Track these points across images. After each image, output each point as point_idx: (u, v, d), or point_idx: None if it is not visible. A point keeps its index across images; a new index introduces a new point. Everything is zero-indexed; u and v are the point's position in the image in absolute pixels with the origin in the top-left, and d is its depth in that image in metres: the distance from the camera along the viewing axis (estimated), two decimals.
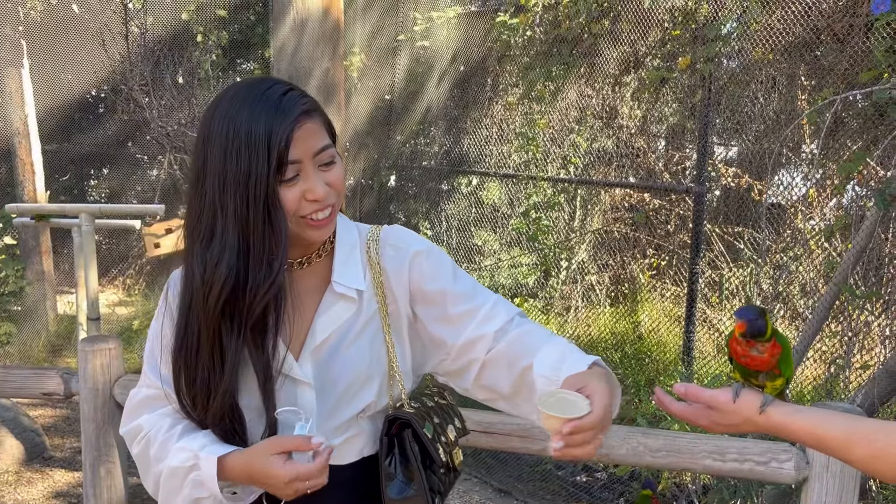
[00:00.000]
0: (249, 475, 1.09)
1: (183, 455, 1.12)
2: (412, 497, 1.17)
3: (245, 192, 1.04)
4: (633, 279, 5.02)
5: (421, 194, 5.98)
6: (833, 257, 3.79)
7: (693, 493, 3.15)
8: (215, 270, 1.06)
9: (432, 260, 1.22)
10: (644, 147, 4.86)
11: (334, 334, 1.18)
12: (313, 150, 1.08)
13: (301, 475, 1.06)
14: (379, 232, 1.24)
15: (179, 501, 1.14)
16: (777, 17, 3.73)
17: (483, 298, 1.21)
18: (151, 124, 4.56)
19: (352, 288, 1.19)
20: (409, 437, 1.19)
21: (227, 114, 1.06)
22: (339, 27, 4.58)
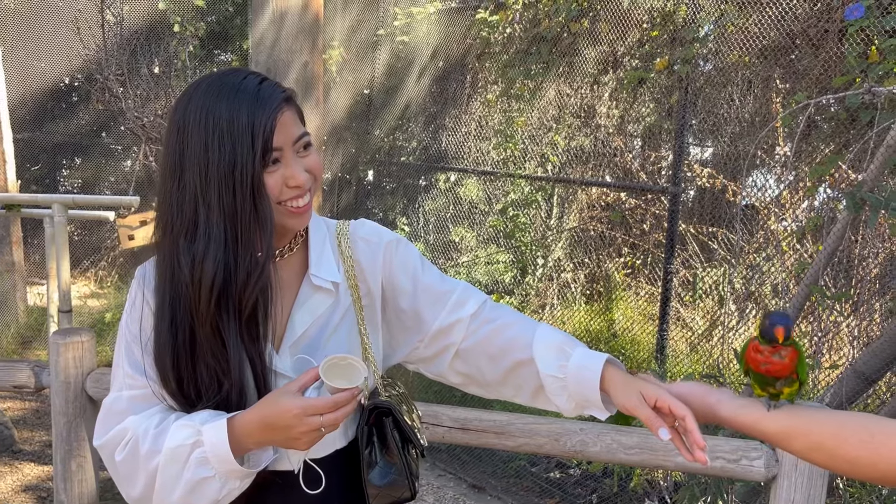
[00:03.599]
0: (262, 421, 1.04)
1: (184, 433, 1.07)
2: (394, 482, 1.19)
3: (231, 181, 1.03)
4: (609, 277, 5.06)
5: (399, 190, 5.97)
6: (804, 258, 3.86)
7: (665, 490, 3.19)
8: (203, 265, 1.05)
9: (402, 251, 1.25)
10: (621, 147, 4.90)
11: (312, 327, 1.19)
12: (293, 137, 1.10)
13: (314, 407, 1.02)
14: (347, 227, 1.26)
15: (179, 491, 1.07)
16: (753, 21, 3.78)
17: (452, 285, 1.25)
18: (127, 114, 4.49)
19: (328, 280, 1.20)
20: (389, 425, 1.21)
21: (204, 105, 1.05)
22: (318, 21, 4.56)
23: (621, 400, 1.09)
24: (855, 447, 0.94)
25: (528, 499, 3.53)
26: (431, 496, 3.54)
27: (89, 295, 6.56)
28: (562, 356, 1.15)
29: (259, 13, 4.50)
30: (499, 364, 1.20)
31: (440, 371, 1.27)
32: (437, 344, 1.24)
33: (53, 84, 7.14)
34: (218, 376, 1.09)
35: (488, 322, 1.21)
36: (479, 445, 2.30)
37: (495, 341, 1.20)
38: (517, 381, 1.20)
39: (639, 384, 1.08)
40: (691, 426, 1.01)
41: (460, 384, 1.27)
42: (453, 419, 2.13)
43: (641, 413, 1.05)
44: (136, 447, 1.09)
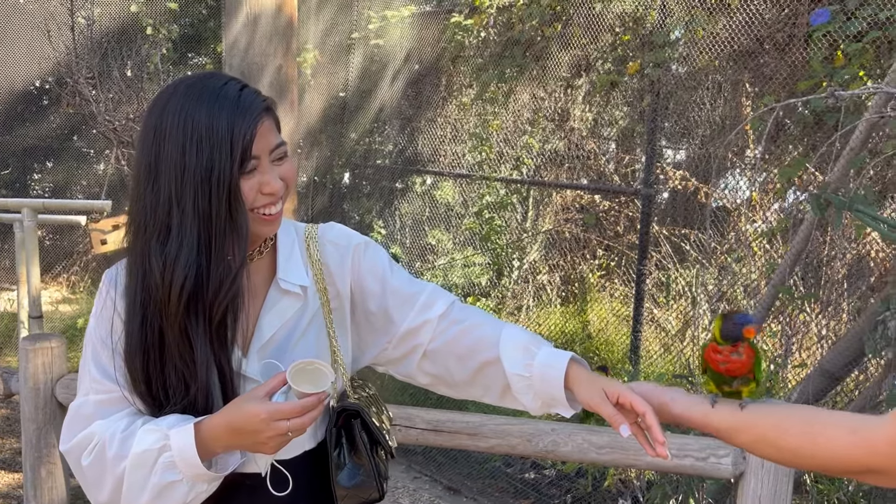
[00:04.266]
0: (229, 426, 1.05)
1: (151, 437, 1.07)
2: (362, 483, 1.20)
3: (207, 186, 1.04)
4: (583, 279, 5.11)
5: (375, 193, 5.97)
6: (774, 259, 3.92)
7: (638, 490, 3.23)
8: (174, 268, 1.05)
9: (370, 254, 1.27)
10: (595, 149, 4.95)
11: (281, 331, 1.19)
12: (270, 146, 1.11)
13: (281, 411, 1.03)
14: (316, 230, 1.27)
15: (146, 496, 1.08)
16: (722, 26, 3.84)
17: (420, 287, 1.26)
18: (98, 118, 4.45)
19: (296, 284, 1.20)
20: (358, 427, 1.22)
21: (182, 109, 1.06)
22: (292, 24, 4.55)
23: (584, 397, 1.11)
24: (796, 438, 0.97)
25: (503, 500, 3.55)
26: (407, 499, 3.55)
27: (61, 300, 6.48)
28: (527, 355, 1.17)
29: (232, 16, 4.48)
30: (466, 364, 1.22)
31: (409, 372, 1.28)
32: (405, 345, 1.25)
33: (23, 87, 7.05)
34: (185, 379, 1.09)
35: (456, 323, 1.23)
36: (452, 447, 2.32)
37: (463, 342, 1.22)
38: (485, 380, 1.22)
39: (602, 381, 1.10)
40: (651, 422, 1.03)
41: (429, 385, 1.29)
42: (426, 421, 2.14)
43: (604, 410, 1.07)
44: (102, 452, 1.09)
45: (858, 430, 0.91)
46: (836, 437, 0.93)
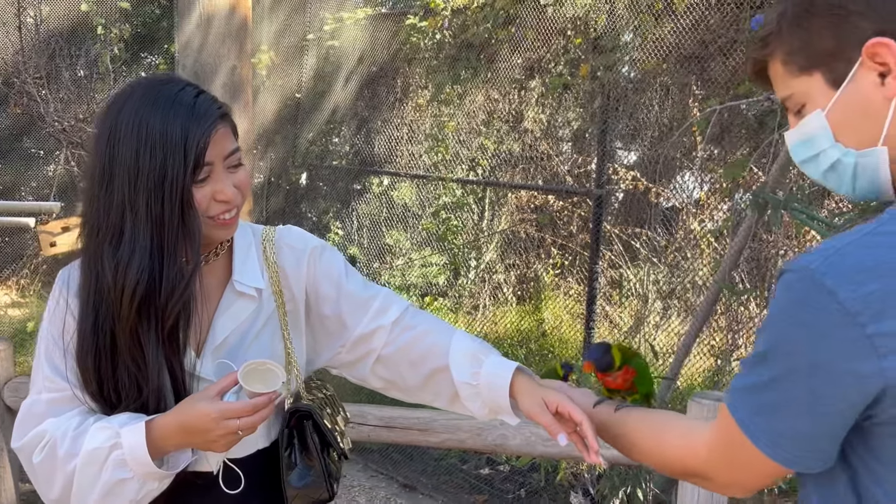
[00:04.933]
0: (180, 425, 1.07)
1: (102, 435, 1.08)
2: (312, 483, 1.23)
3: (160, 191, 1.06)
4: (538, 278, 5.19)
5: (332, 194, 5.98)
6: (720, 257, 4.04)
7: (588, 482, 3.31)
8: (126, 272, 1.06)
9: (326, 258, 1.28)
10: (548, 150, 5.03)
11: (235, 333, 1.21)
12: (225, 153, 1.13)
13: (231, 411, 1.05)
14: (273, 233, 1.28)
15: (97, 493, 1.09)
16: (669, 30, 3.95)
17: (374, 292, 1.28)
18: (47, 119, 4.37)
19: (251, 287, 1.22)
20: (309, 428, 1.24)
21: (137, 113, 1.07)
22: (246, 24, 4.54)
23: (525, 407, 1.16)
24: (647, 440, 1.04)
25: (458, 496, 3.60)
26: (363, 496, 3.58)
27: (10, 304, 6.33)
28: (475, 364, 1.19)
29: (185, 16, 4.45)
30: (418, 370, 1.25)
31: (363, 376, 1.30)
32: (358, 350, 1.27)
33: None
34: (137, 381, 1.11)
35: (409, 329, 1.25)
36: (404, 443, 2.35)
37: (415, 348, 1.24)
38: (435, 387, 1.25)
39: (542, 392, 1.14)
40: (586, 431, 1.09)
41: (382, 388, 1.31)
42: (379, 418, 2.18)
43: (542, 420, 1.12)
44: (54, 449, 1.10)
45: (687, 435, 0.97)
46: (671, 441, 1.00)
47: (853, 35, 0.78)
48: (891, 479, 0.75)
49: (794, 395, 0.76)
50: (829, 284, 0.71)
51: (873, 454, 0.76)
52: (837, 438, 0.77)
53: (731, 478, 0.89)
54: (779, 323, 0.77)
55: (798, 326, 0.75)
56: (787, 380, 0.77)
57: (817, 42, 0.81)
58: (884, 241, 0.71)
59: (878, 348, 0.70)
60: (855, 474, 0.78)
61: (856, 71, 0.79)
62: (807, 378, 0.75)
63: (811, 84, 0.83)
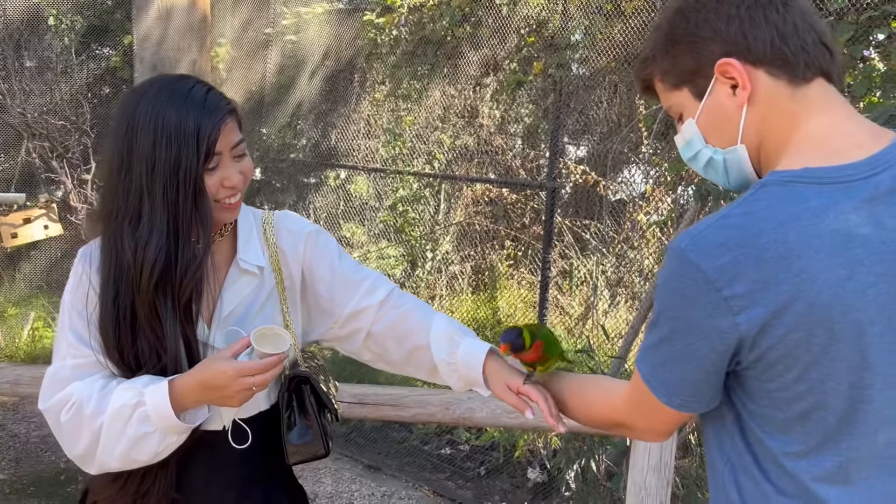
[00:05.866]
0: (200, 382, 1.19)
1: (127, 394, 1.20)
2: (310, 440, 1.37)
3: (175, 179, 1.19)
4: (493, 268, 5.35)
5: (289, 187, 6.04)
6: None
7: (545, 458, 3.49)
8: (145, 251, 1.19)
9: (322, 241, 1.42)
10: (502, 145, 5.20)
11: (240, 306, 1.34)
12: (231, 144, 1.26)
13: (246, 369, 1.18)
14: (272, 217, 1.42)
15: (122, 446, 1.20)
16: (618, 30, 4.15)
17: (364, 274, 1.43)
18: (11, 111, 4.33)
19: (254, 265, 1.36)
20: (307, 391, 1.38)
21: (154, 108, 1.20)
22: (206, 18, 4.59)
23: (493, 388, 1.34)
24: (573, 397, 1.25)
25: (421, 475, 3.74)
26: (329, 478, 3.69)
27: None
28: (452, 344, 1.35)
29: (143, 10, 4.47)
30: (402, 346, 1.40)
31: (354, 349, 1.46)
32: (349, 326, 1.42)
33: None
34: (157, 350, 1.24)
35: (395, 308, 1.40)
36: (376, 418, 2.48)
37: (401, 326, 1.40)
38: (417, 362, 1.41)
39: (505, 376, 1.31)
40: (543, 407, 1.25)
41: (370, 361, 1.47)
42: (352, 395, 2.30)
43: (509, 400, 1.30)
44: (80, 409, 1.22)
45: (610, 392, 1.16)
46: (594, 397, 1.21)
47: (707, 57, 0.97)
48: (761, 412, 0.94)
49: (677, 349, 0.93)
50: (695, 259, 0.89)
51: (746, 393, 0.95)
52: (715, 383, 0.95)
53: (646, 425, 1.06)
54: (662, 292, 0.94)
55: (675, 294, 0.91)
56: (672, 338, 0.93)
57: (681, 63, 1.00)
58: (733, 222, 0.89)
59: (732, 307, 0.88)
60: (737, 411, 0.97)
61: (713, 85, 0.98)
62: (684, 335, 0.92)
63: (682, 97, 1.02)
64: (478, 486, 3.62)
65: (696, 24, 0.98)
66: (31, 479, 3.65)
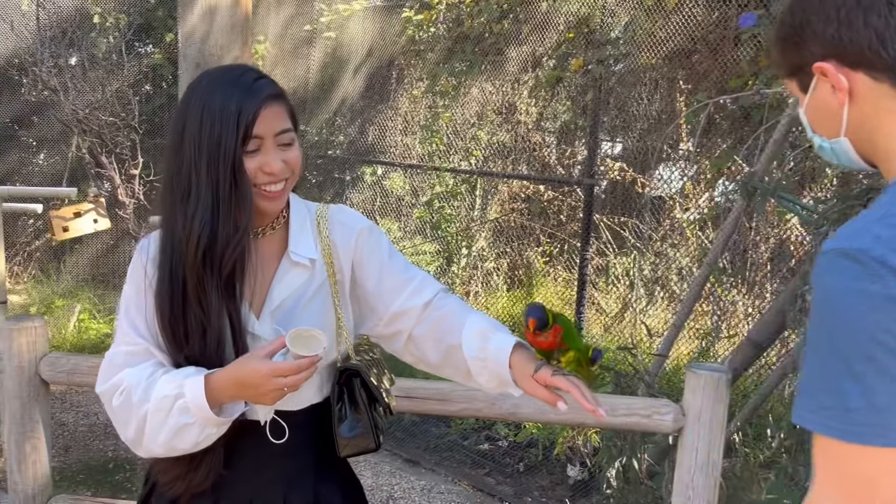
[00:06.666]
0: (235, 379, 1.23)
1: (169, 386, 1.24)
2: (360, 434, 1.37)
3: (216, 157, 1.22)
4: (529, 265, 5.35)
5: (326, 183, 6.09)
6: (705, 245, 4.24)
7: (585, 455, 3.48)
8: (192, 223, 1.23)
9: (374, 238, 1.42)
10: (539, 142, 5.19)
11: (290, 298, 1.35)
12: (275, 130, 1.27)
13: (279, 370, 1.20)
14: (327, 210, 1.42)
15: (164, 434, 1.25)
16: (660, 27, 4.12)
17: (412, 274, 1.42)
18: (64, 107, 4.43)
19: (305, 257, 1.36)
20: (358, 385, 1.38)
21: (205, 93, 1.25)
22: (248, 16, 4.63)
23: (519, 381, 1.28)
24: None
25: (460, 470, 3.76)
26: (369, 470, 3.73)
27: (8, 290, 6.36)
28: (483, 340, 1.31)
29: (188, 7, 4.52)
30: (439, 347, 1.38)
31: (396, 349, 1.45)
32: (393, 326, 1.41)
33: None
34: (202, 322, 1.27)
35: (436, 310, 1.39)
36: (423, 412, 2.50)
37: (439, 327, 1.38)
38: (453, 362, 1.38)
39: (532, 368, 1.27)
40: (577, 397, 1.21)
41: (413, 363, 1.46)
42: (400, 388, 2.31)
43: (537, 393, 1.26)
44: (129, 396, 1.27)
45: None
46: None
47: (808, 57, 0.99)
48: None
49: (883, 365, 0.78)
50: (878, 254, 0.80)
51: None
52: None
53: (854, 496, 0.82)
54: (837, 306, 0.82)
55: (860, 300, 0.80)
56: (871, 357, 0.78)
57: (788, 58, 1.03)
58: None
59: None
60: None
61: (816, 83, 1.00)
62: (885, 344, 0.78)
63: (793, 87, 1.06)
64: (517, 483, 3.62)
65: (799, 23, 0.99)
66: (79, 466, 3.74)
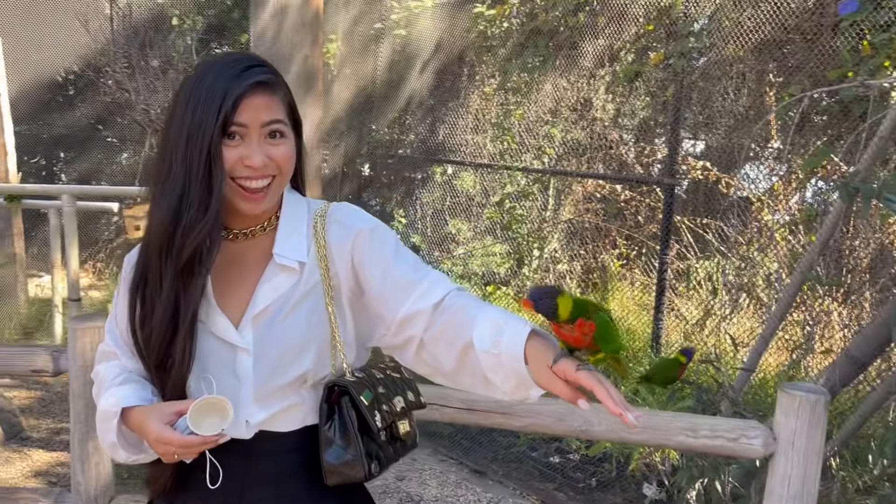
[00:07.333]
0: (138, 425, 1.18)
1: (110, 400, 1.21)
2: (349, 461, 1.20)
3: (195, 140, 1.13)
4: (604, 268, 5.14)
5: (396, 182, 6.03)
6: (797, 249, 3.94)
7: (663, 474, 3.28)
8: (161, 204, 1.16)
9: (375, 238, 1.24)
10: (616, 139, 4.98)
11: (274, 304, 1.22)
12: (261, 121, 1.16)
13: (167, 438, 1.13)
14: (327, 208, 1.28)
15: (105, 444, 1.25)
16: (748, 16, 3.86)
17: (422, 275, 1.22)
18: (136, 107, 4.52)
19: (293, 259, 1.23)
20: (346, 404, 1.22)
21: (198, 78, 1.17)
22: (319, 14, 4.61)
23: (536, 376, 1.07)
24: None
25: (528, 482, 3.60)
26: (434, 480, 3.62)
27: (88, 286, 6.59)
28: (497, 332, 1.11)
29: (260, 7, 4.53)
30: (451, 349, 1.17)
31: (408, 360, 1.26)
32: (403, 333, 1.22)
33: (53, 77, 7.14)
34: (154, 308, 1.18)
35: (447, 310, 1.19)
36: (486, 425, 2.36)
37: (451, 326, 1.17)
38: (469, 366, 1.16)
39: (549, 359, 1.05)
40: (602, 397, 0.99)
41: (428, 375, 1.25)
42: (461, 401, 2.19)
43: (555, 390, 1.04)
44: (97, 389, 1.29)
45: None
46: None
47: None
48: None
49: None
50: None
51: None
52: None
53: None
54: None
55: None
56: None
57: None
58: None
59: None
60: None
61: None
62: None
63: None
64: (589, 499, 3.44)
65: None
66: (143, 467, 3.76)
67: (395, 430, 1.27)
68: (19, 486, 3.39)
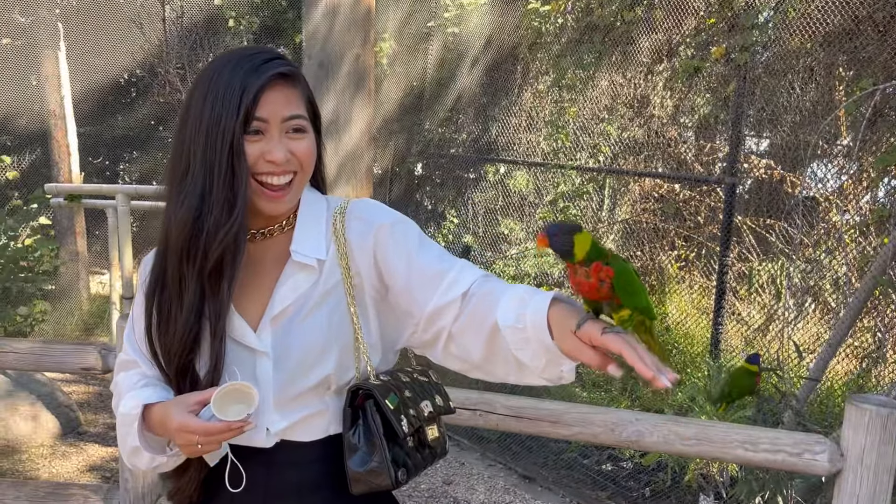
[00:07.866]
0: (160, 420, 1.14)
1: (131, 403, 1.18)
2: (374, 469, 1.15)
3: (214, 136, 1.09)
4: (662, 270, 4.99)
5: (448, 182, 5.98)
6: (867, 252, 3.74)
7: (720, 485, 3.14)
8: (182, 205, 1.11)
9: (397, 232, 1.19)
10: (675, 137, 4.82)
11: (293, 305, 1.18)
12: (282, 115, 1.13)
13: (190, 427, 1.08)
14: (347, 205, 1.23)
15: (126, 450, 1.21)
16: (816, 6, 3.67)
17: (448, 266, 1.17)
18: None
19: (311, 257, 1.18)
20: (371, 408, 1.16)
21: (215, 71, 1.13)
22: (370, 13, 4.59)
23: (561, 344, 1.01)
24: None
25: (579, 491, 3.50)
26: (482, 485, 3.55)
27: None
28: (521, 305, 1.05)
29: (312, 6, 4.55)
30: (479, 336, 1.12)
31: (438, 356, 1.20)
32: (432, 328, 1.17)
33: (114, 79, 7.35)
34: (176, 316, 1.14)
35: (474, 296, 1.13)
36: (533, 433, 2.29)
37: (478, 312, 1.12)
38: (499, 351, 1.10)
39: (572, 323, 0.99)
40: (632, 360, 0.92)
41: (459, 369, 1.20)
42: (507, 407, 2.13)
43: (581, 357, 0.98)
44: (117, 400, 1.25)
45: None
46: None
47: None
48: None
49: None
50: None
51: None
52: None
53: None
54: None
55: None
56: None
57: None
58: None
59: None
60: None
61: None
62: None
63: None
64: None
65: None
66: None
67: (423, 436, 1.21)
68: (74, 480, 3.46)
